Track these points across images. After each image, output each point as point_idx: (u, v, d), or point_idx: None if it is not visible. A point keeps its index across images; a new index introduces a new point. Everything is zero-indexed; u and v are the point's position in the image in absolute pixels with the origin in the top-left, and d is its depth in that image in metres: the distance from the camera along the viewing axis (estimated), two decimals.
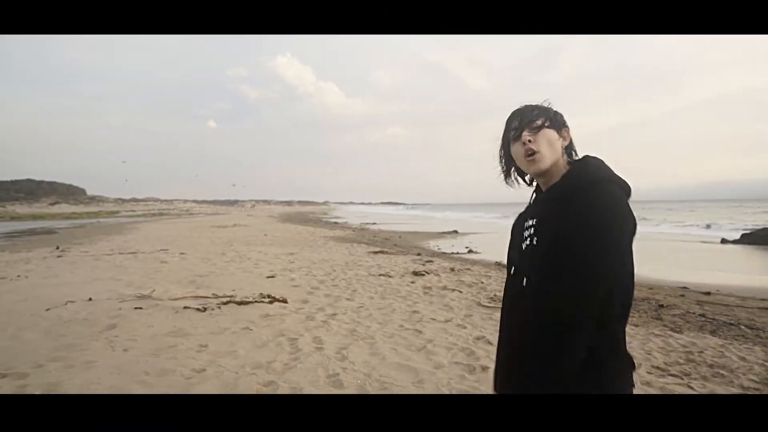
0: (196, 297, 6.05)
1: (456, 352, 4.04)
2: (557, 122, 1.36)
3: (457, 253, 13.97)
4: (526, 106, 1.39)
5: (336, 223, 34.75)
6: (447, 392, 3.05)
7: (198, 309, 5.40)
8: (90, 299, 5.90)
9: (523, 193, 1.54)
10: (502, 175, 1.46)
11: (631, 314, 5.67)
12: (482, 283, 7.72)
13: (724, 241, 19.79)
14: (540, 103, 1.39)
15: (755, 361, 3.95)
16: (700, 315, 5.80)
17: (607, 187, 1.22)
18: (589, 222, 1.16)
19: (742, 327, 5.21)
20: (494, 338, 4.46)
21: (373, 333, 4.58)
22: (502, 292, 1.44)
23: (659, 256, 15.57)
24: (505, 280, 1.43)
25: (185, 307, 5.45)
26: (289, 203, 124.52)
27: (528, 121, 1.34)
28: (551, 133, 1.33)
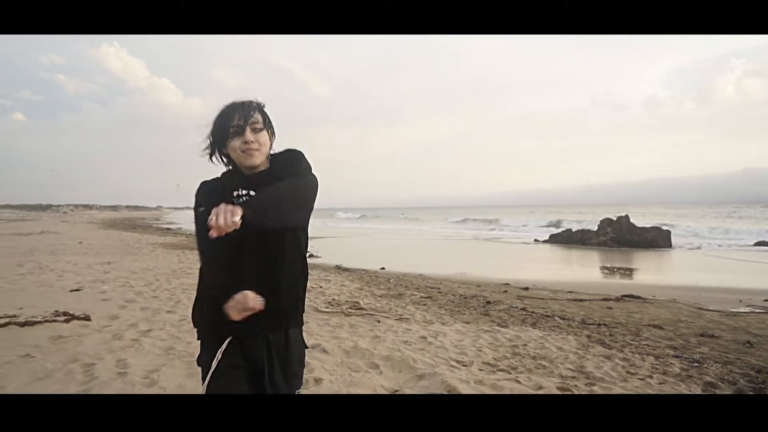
0: None
1: None
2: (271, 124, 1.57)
3: None
4: (248, 103, 1.52)
5: (168, 228, 31.67)
6: None
7: None
8: None
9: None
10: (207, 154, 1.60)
11: (462, 311, 5.76)
12: (321, 287, 7.41)
13: (536, 241, 22.59)
14: (259, 103, 1.55)
15: (570, 350, 4.25)
16: (521, 309, 6.23)
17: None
18: None
19: (557, 318, 5.69)
20: (330, 346, 4.16)
21: (193, 350, 3.94)
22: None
23: (485, 256, 17.06)
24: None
25: None
26: (115, 208, 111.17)
27: (251, 121, 1.49)
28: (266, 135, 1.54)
